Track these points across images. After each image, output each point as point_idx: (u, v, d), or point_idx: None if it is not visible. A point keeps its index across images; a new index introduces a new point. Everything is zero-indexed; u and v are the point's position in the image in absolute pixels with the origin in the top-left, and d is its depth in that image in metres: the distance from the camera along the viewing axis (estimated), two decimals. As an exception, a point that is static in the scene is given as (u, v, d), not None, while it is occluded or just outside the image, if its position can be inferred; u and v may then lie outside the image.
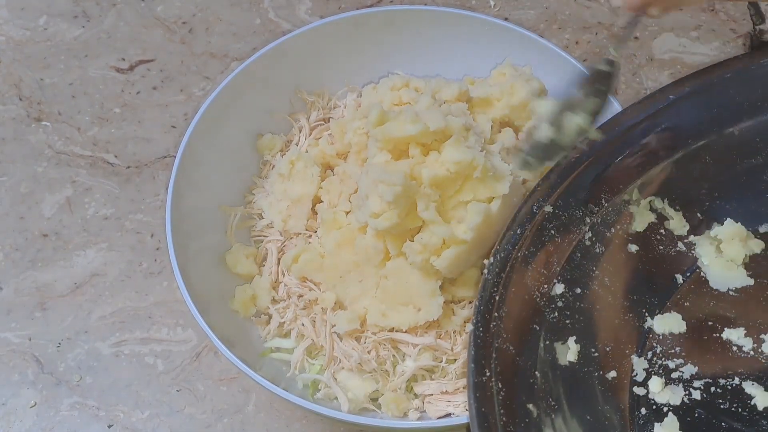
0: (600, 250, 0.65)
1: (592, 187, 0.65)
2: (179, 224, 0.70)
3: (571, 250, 0.64)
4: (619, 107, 0.68)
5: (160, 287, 0.81)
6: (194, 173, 0.73)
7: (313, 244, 0.72)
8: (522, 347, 0.59)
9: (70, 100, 0.93)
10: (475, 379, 0.56)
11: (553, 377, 0.59)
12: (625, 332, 0.64)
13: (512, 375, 0.57)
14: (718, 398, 0.61)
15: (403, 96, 0.74)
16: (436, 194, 0.65)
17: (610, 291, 0.64)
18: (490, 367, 0.57)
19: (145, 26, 0.98)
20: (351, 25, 0.80)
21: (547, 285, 0.62)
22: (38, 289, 0.81)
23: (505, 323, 0.59)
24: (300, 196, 0.74)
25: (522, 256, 0.61)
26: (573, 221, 0.64)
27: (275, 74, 0.79)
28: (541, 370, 0.59)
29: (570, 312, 0.62)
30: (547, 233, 0.63)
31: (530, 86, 0.72)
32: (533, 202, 0.63)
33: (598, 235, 0.65)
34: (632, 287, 0.65)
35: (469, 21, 0.80)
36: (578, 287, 0.63)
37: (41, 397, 0.75)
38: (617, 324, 0.64)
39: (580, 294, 0.63)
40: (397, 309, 0.67)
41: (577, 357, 0.61)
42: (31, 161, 0.89)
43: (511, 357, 0.58)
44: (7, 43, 0.97)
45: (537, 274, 0.62)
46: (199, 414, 0.74)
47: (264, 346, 0.72)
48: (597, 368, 0.62)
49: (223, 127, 0.76)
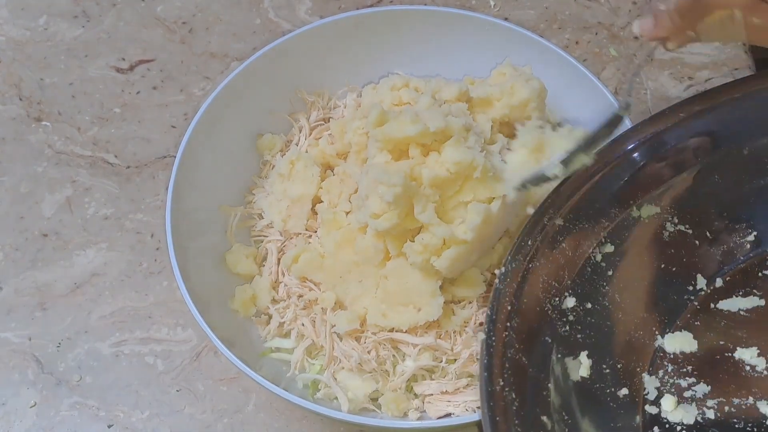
0: (610, 265, 0.65)
1: (602, 202, 0.65)
2: (179, 224, 0.70)
3: (581, 265, 0.63)
4: (629, 123, 0.68)
5: (160, 287, 0.81)
6: (194, 173, 0.74)
7: (313, 244, 0.72)
8: (534, 359, 0.59)
9: (70, 100, 0.93)
10: (489, 388, 0.56)
11: (566, 391, 0.59)
12: (635, 350, 0.64)
13: (525, 386, 0.57)
14: (733, 418, 0.60)
15: (403, 96, 0.74)
16: (435, 194, 0.65)
17: (620, 307, 0.64)
18: (504, 377, 0.56)
19: (145, 26, 0.98)
20: (351, 25, 0.80)
21: (558, 298, 0.62)
22: (38, 289, 0.81)
23: (517, 334, 0.59)
24: (300, 196, 0.74)
25: (533, 268, 0.61)
26: (583, 235, 0.64)
27: (275, 74, 0.79)
28: (554, 384, 0.59)
29: (581, 326, 0.62)
30: (558, 246, 0.63)
31: (530, 86, 0.72)
32: (544, 215, 0.63)
33: (607, 250, 0.64)
34: (642, 304, 0.65)
35: (469, 21, 0.80)
36: (589, 302, 0.63)
37: (41, 397, 0.75)
38: (627, 341, 0.64)
39: (591, 309, 0.63)
40: (397, 309, 0.67)
41: (590, 372, 0.61)
42: (31, 161, 0.89)
43: (524, 368, 0.58)
44: (7, 43, 0.97)
45: (548, 287, 0.62)
46: (199, 414, 0.74)
47: (264, 346, 0.72)
48: (608, 385, 0.61)
49: (223, 127, 0.76)
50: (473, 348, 0.68)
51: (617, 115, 0.64)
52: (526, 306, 0.60)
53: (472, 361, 0.68)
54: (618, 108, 0.64)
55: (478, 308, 0.69)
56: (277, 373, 0.70)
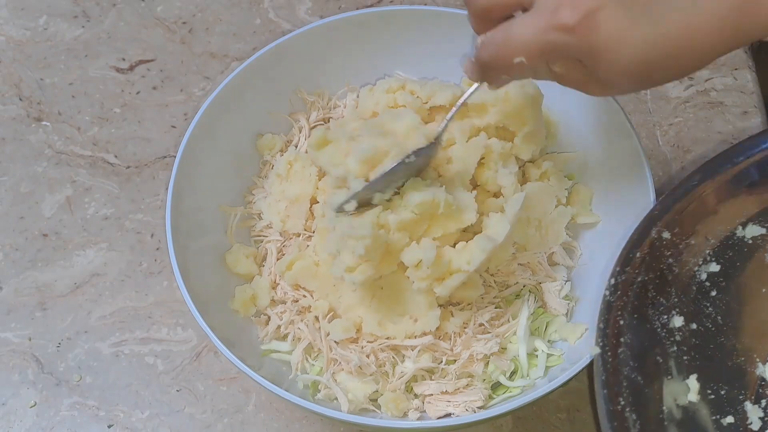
0: (713, 285, 0.63)
1: (708, 217, 0.63)
2: (179, 224, 0.70)
3: (687, 282, 0.62)
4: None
5: (160, 287, 0.81)
6: (194, 173, 0.73)
7: (308, 251, 0.72)
8: (648, 379, 0.57)
9: (70, 100, 0.93)
10: (610, 407, 0.55)
11: (675, 416, 0.58)
12: (737, 376, 0.62)
13: (644, 407, 0.56)
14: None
15: (399, 98, 0.74)
16: (405, 236, 0.64)
17: (723, 331, 0.63)
18: (623, 396, 0.55)
19: (145, 26, 0.98)
20: (351, 25, 0.80)
21: (667, 316, 0.60)
22: (38, 289, 0.81)
23: (631, 350, 0.57)
24: (297, 196, 0.74)
25: (641, 282, 0.60)
26: (690, 252, 0.62)
27: (275, 74, 0.79)
28: (667, 405, 0.57)
29: (687, 347, 0.60)
30: (665, 261, 0.61)
31: (525, 92, 0.71)
32: (652, 226, 0.62)
33: (712, 269, 0.63)
34: (743, 330, 0.63)
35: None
36: (694, 322, 0.61)
37: (41, 397, 0.75)
38: (730, 367, 0.62)
39: (696, 330, 0.62)
40: (393, 320, 0.67)
41: (698, 397, 0.59)
42: (31, 161, 0.89)
43: (640, 388, 0.56)
44: (7, 43, 0.97)
45: (656, 303, 0.60)
46: (199, 414, 0.74)
47: (262, 348, 0.72)
48: (714, 411, 0.60)
49: (223, 127, 0.76)
50: (473, 348, 0.67)
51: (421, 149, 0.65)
52: (637, 322, 0.58)
53: (472, 361, 0.68)
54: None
55: (477, 310, 0.69)
56: (277, 373, 0.70)
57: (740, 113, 0.90)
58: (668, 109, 0.91)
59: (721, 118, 0.90)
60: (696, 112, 0.90)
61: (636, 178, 0.71)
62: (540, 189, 0.74)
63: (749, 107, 0.91)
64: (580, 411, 0.74)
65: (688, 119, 0.90)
